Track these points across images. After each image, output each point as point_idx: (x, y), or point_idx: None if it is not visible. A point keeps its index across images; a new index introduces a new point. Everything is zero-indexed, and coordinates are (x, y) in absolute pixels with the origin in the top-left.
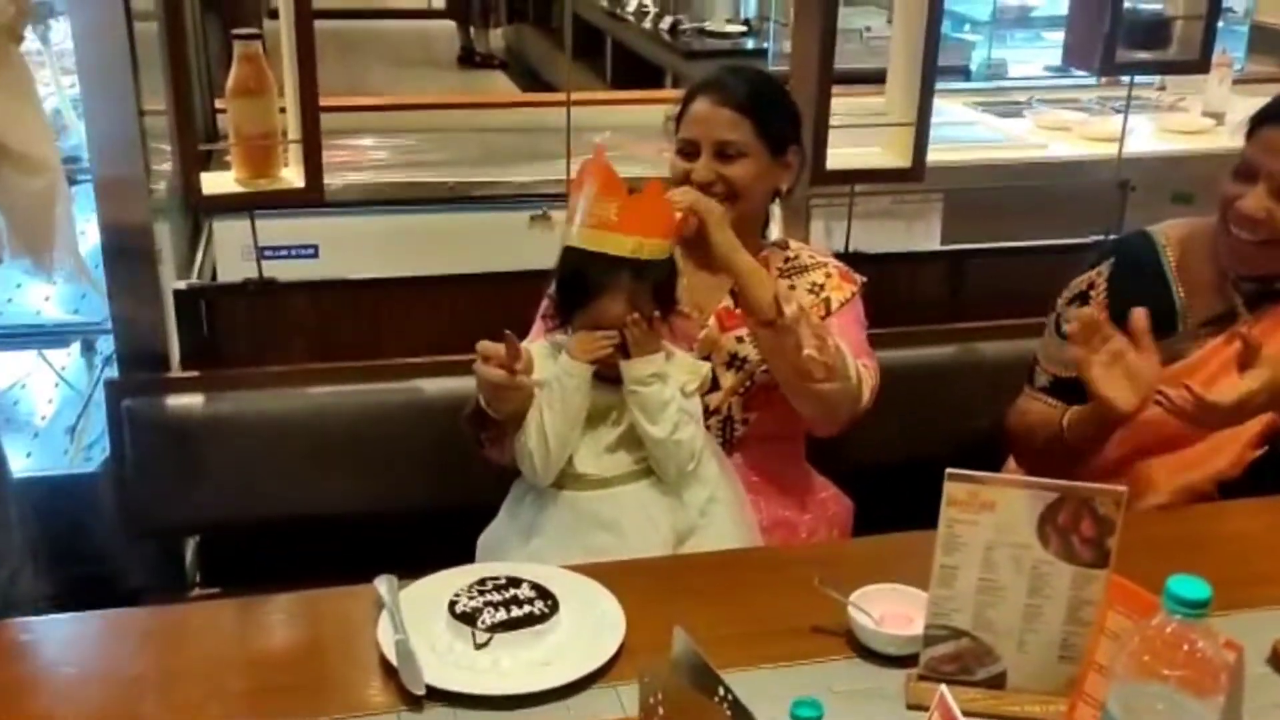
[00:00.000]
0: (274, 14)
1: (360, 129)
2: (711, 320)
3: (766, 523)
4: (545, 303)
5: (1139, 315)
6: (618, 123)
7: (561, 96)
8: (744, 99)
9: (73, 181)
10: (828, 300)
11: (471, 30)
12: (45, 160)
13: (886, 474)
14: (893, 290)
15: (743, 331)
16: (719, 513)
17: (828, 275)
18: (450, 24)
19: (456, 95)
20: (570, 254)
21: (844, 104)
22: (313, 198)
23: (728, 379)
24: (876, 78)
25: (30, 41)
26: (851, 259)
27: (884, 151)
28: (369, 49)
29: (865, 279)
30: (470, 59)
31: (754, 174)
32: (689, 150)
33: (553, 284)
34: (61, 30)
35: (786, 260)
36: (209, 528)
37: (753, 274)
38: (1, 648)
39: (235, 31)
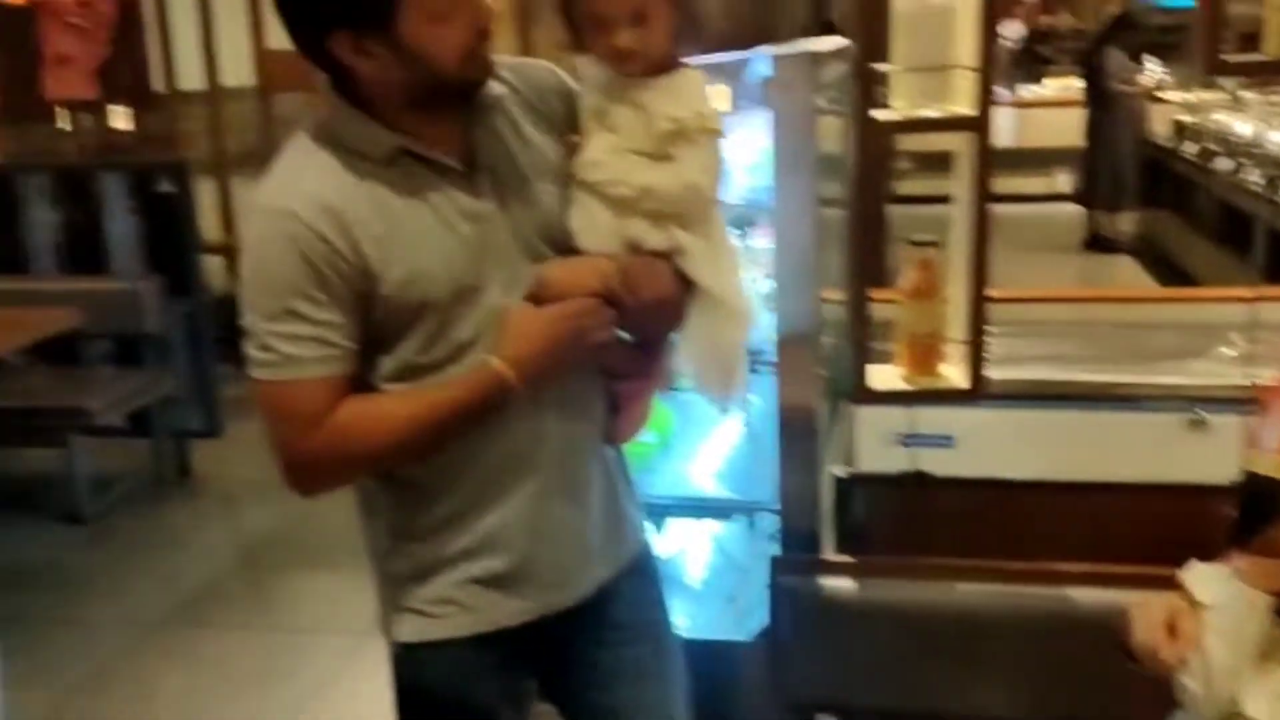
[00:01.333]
0: None
1: (997, 319)
2: None
3: None
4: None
5: None
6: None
7: (1219, 291)
8: None
9: (753, 370)
10: None
11: (1099, 214)
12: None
13: None
14: None
15: None
16: None
17: None
18: (1076, 208)
19: (1101, 290)
20: (1256, 479)
21: None
22: (974, 398)
23: None
24: None
25: (737, 249)
26: None
27: None
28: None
29: None
30: (1097, 243)
31: None
32: None
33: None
34: (758, 234)
35: None
36: (848, 709)
37: None
38: None
39: (912, 238)
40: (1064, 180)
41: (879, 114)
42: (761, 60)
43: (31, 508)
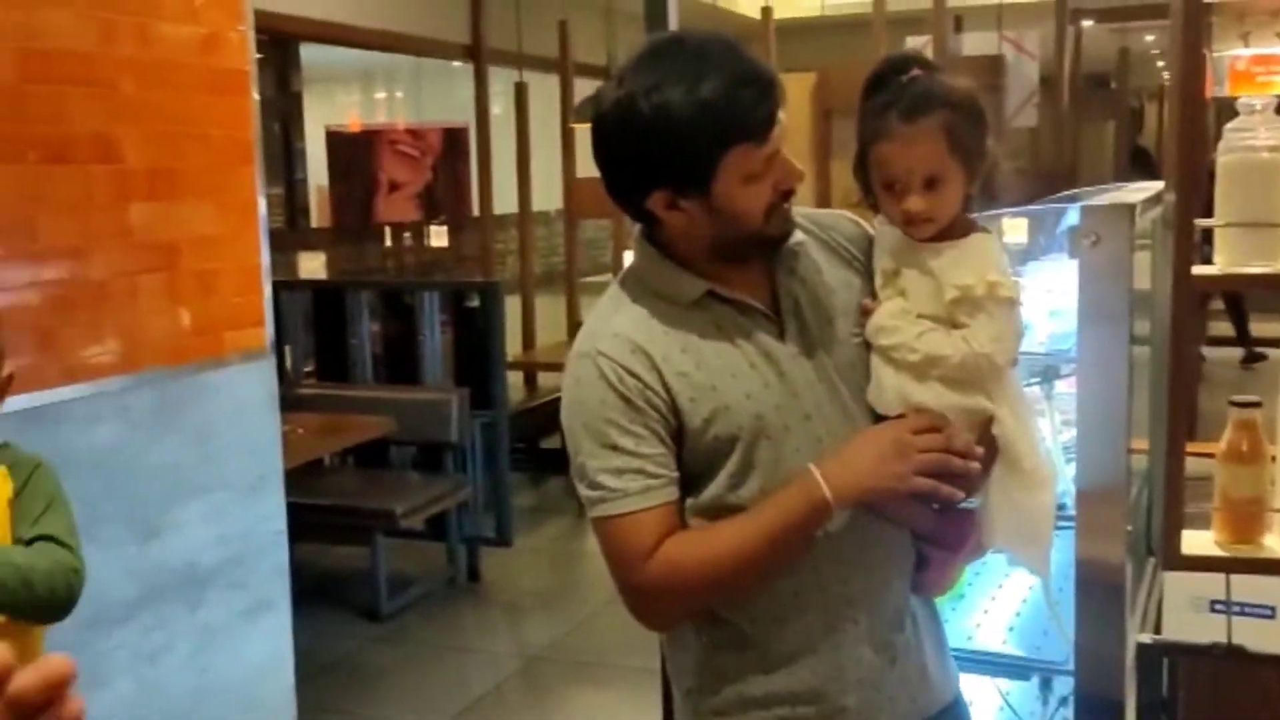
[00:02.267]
0: None
1: None
2: None
3: None
4: None
5: None
6: None
7: None
8: None
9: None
10: None
11: None
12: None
13: None
14: None
15: None
16: None
17: None
18: None
19: None
20: None
21: None
22: None
23: None
24: None
25: (1038, 397)
26: None
27: None
28: None
29: None
30: None
31: None
32: None
33: None
34: (1062, 385)
35: None
36: None
37: None
38: None
39: (1233, 400)
40: None
41: (1201, 270)
42: (1070, 210)
43: (334, 602)
